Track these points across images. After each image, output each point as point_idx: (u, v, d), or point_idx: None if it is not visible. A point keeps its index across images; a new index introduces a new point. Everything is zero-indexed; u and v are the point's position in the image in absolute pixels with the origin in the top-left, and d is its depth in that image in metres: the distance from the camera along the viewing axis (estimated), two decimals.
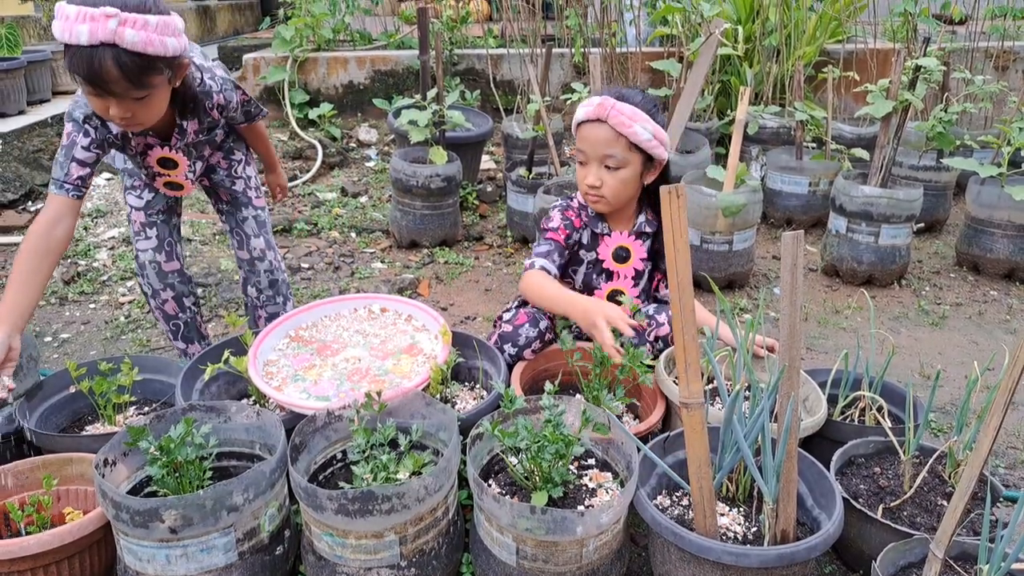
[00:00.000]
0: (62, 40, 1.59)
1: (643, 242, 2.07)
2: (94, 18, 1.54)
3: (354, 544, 1.42)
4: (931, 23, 4.33)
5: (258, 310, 2.36)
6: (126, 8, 1.58)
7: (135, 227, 2.17)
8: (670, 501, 1.62)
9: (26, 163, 4.23)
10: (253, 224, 2.28)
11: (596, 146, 1.92)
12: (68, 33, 1.56)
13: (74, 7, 1.56)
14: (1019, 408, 2.34)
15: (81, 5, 1.56)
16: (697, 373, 1.32)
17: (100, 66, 1.58)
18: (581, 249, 2.09)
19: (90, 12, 1.55)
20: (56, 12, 1.60)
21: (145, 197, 2.16)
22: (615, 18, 4.77)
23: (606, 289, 2.08)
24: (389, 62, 5.35)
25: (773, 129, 4.14)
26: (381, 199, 4.27)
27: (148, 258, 2.16)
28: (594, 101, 1.90)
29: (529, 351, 2.02)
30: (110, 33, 1.55)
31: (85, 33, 1.55)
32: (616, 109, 1.87)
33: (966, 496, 1.20)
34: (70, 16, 1.56)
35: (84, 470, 1.65)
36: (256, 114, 2.16)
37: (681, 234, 1.24)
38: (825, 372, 1.97)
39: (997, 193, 3.14)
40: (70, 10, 1.56)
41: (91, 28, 1.54)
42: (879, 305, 3.07)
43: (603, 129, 1.90)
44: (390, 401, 1.65)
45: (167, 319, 2.26)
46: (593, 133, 1.92)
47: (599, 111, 1.89)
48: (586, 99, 1.95)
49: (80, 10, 1.55)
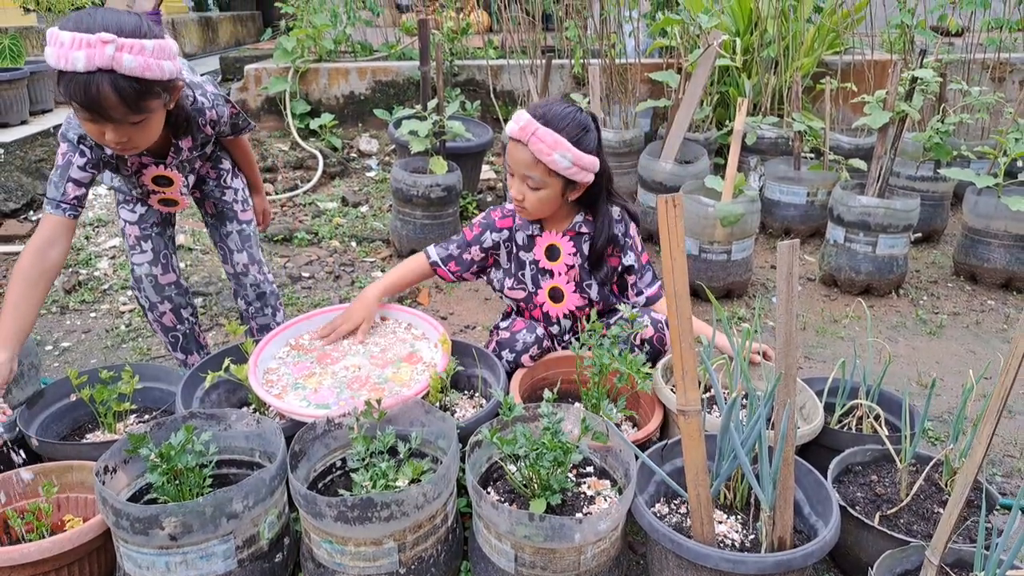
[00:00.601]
0: (56, 67, 1.56)
1: (574, 241, 2.07)
2: (91, 44, 1.53)
3: (353, 551, 1.43)
4: (928, 35, 4.36)
5: (250, 321, 2.37)
6: (122, 33, 1.56)
7: (130, 241, 2.16)
8: (668, 509, 1.63)
9: (28, 173, 4.26)
10: (236, 239, 2.26)
11: (517, 165, 1.92)
12: (63, 60, 1.54)
13: (68, 33, 1.54)
14: (1016, 417, 2.34)
15: (75, 31, 1.54)
16: (694, 381, 1.33)
17: (98, 92, 1.57)
18: (520, 251, 2.11)
19: (86, 38, 1.53)
20: (48, 38, 1.58)
21: (138, 211, 2.16)
22: (614, 30, 4.80)
23: (547, 286, 2.10)
24: (390, 73, 5.38)
25: (771, 139, 4.16)
26: (382, 209, 4.29)
27: (144, 271, 2.15)
28: (521, 119, 1.88)
29: (527, 356, 2.03)
30: (108, 59, 1.54)
31: (82, 60, 1.53)
32: (536, 136, 1.84)
33: (960, 503, 1.21)
34: (64, 43, 1.54)
35: (84, 478, 1.66)
36: (244, 127, 2.16)
37: (678, 243, 1.25)
38: (822, 380, 1.98)
39: (994, 203, 3.15)
40: (64, 36, 1.54)
41: (88, 54, 1.53)
42: (877, 314, 3.08)
43: (525, 152, 1.88)
44: (389, 409, 1.66)
45: (165, 331, 2.26)
46: (516, 152, 1.91)
47: (521, 133, 1.87)
48: (519, 111, 1.91)
49: (75, 36, 1.53)
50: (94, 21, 1.56)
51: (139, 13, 1.67)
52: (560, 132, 1.85)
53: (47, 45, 1.59)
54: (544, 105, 1.91)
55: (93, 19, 1.57)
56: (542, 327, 2.10)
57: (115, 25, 1.57)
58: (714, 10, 4.27)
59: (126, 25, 1.58)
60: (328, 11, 5.56)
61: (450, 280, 2.16)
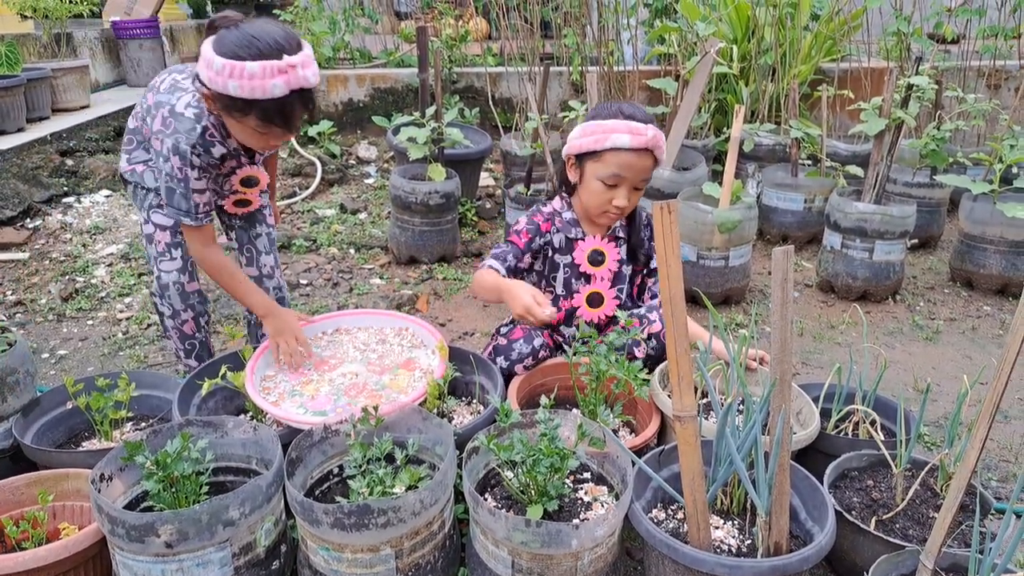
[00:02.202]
0: (250, 97, 1.62)
1: (617, 245, 2.11)
2: (283, 70, 1.60)
3: (350, 558, 1.43)
4: (924, 42, 4.38)
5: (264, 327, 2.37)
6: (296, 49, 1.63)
7: (159, 247, 2.12)
8: (665, 514, 1.63)
9: (25, 180, 4.26)
10: (265, 241, 2.30)
11: (639, 173, 1.94)
12: (259, 90, 1.61)
13: (255, 63, 1.59)
14: (1011, 422, 2.35)
15: (260, 60, 1.59)
16: (690, 386, 1.34)
17: (292, 111, 1.68)
18: (556, 253, 2.11)
19: (277, 65, 1.60)
20: (229, 71, 1.61)
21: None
22: (613, 37, 4.82)
23: (585, 292, 2.11)
24: (388, 80, 5.40)
25: (769, 146, 4.18)
26: (380, 216, 4.30)
27: (172, 279, 2.14)
28: (640, 129, 1.88)
29: (520, 366, 2.03)
30: (301, 79, 1.64)
31: (280, 86, 1.62)
32: (659, 139, 1.90)
33: (954, 508, 1.21)
34: (255, 74, 1.60)
35: (80, 486, 1.66)
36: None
37: (673, 249, 1.26)
38: (819, 386, 1.99)
39: (989, 210, 3.16)
40: (253, 67, 1.59)
41: (286, 80, 1.62)
42: (874, 320, 3.08)
43: (648, 159, 1.93)
44: (387, 416, 1.66)
45: (184, 339, 2.25)
46: (639, 162, 1.92)
47: (652, 142, 1.90)
48: (625, 122, 1.90)
49: (264, 65, 1.59)
50: (268, 44, 1.62)
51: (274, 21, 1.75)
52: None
53: (229, 78, 1.61)
54: (635, 108, 1.95)
55: (263, 42, 1.62)
56: (543, 336, 2.10)
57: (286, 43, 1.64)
58: (711, 18, 4.29)
59: (292, 39, 1.66)
60: (327, 18, 5.58)
61: None
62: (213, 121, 1.86)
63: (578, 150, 1.98)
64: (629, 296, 2.20)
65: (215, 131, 1.88)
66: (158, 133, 1.88)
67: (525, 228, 2.10)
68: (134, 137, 2.10)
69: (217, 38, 1.69)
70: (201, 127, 1.85)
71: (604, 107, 1.99)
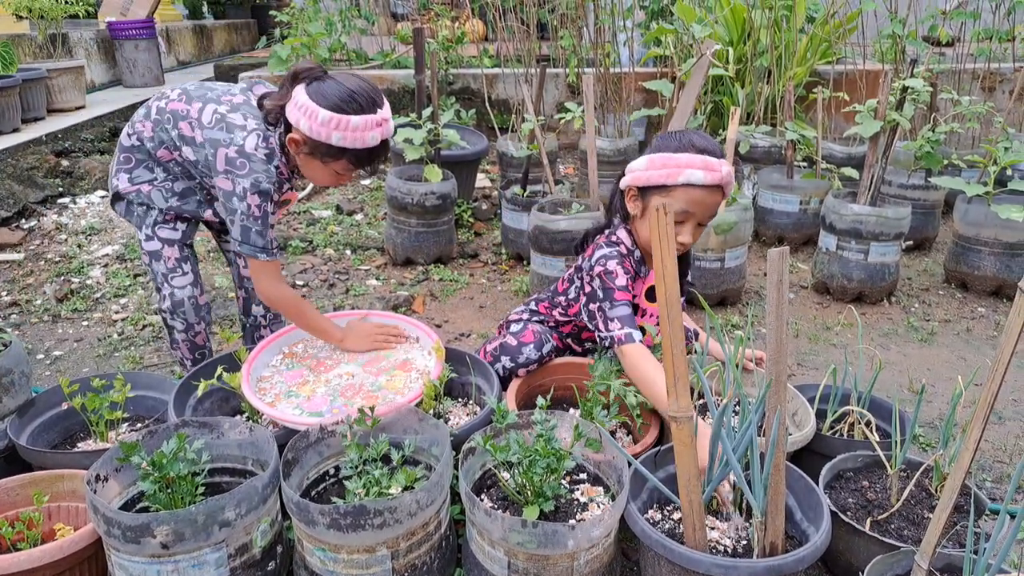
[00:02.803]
0: (352, 147, 1.81)
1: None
2: (379, 124, 1.82)
3: (346, 559, 1.43)
4: (919, 45, 4.40)
5: (262, 329, 2.38)
6: (383, 103, 1.85)
7: (168, 264, 2.12)
8: (661, 515, 1.63)
9: (20, 181, 4.25)
10: None
11: (708, 209, 1.84)
12: (359, 141, 1.81)
13: (359, 118, 1.78)
14: (1006, 423, 2.36)
15: (360, 115, 1.78)
16: (686, 387, 1.34)
17: (377, 156, 1.90)
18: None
19: (374, 119, 1.80)
20: (336, 123, 1.78)
21: (180, 228, 2.14)
22: (609, 39, 4.83)
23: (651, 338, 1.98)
24: (385, 81, 5.40)
25: (764, 148, 4.19)
26: (376, 217, 4.30)
27: (187, 294, 2.15)
28: (715, 165, 1.79)
29: (524, 370, 2.03)
30: (389, 131, 1.87)
31: (377, 138, 1.84)
32: (731, 174, 1.83)
33: (948, 508, 1.22)
34: (358, 127, 1.79)
35: (75, 487, 1.65)
36: None
37: (668, 250, 1.26)
38: (814, 387, 1.99)
39: (984, 212, 3.18)
40: (356, 121, 1.78)
41: (382, 132, 1.84)
42: (869, 322, 3.09)
43: (719, 195, 1.84)
44: (383, 417, 1.66)
45: (194, 350, 2.25)
46: (710, 198, 1.83)
47: (726, 179, 1.81)
48: (701, 158, 1.80)
49: (366, 119, 1.79)
50: (369, 99, 1.81)
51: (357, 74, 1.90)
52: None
53: (335, 130, 1.79)
54: (706, 139, 1.84)
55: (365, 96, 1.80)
56: (554, 339, 2.08)
57: (378, 97, 1.84)
58: (708, 20, 4.31)
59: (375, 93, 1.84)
60: (323, 19, 5.58)
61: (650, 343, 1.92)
62: (283, 160, 1.96)
63: (645, 183, 1.85)
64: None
65: (284, 169, 1.97)
66: (227, 173, 1.88)
67: (628, 281, 1.92)
68: (133, 156, 2.05)
69: (315, 90, 1.81)
70: (274, 167, 1.92)
71: (673, 137, 1.87)
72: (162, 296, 2.16)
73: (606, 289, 1.90)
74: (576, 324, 2.16)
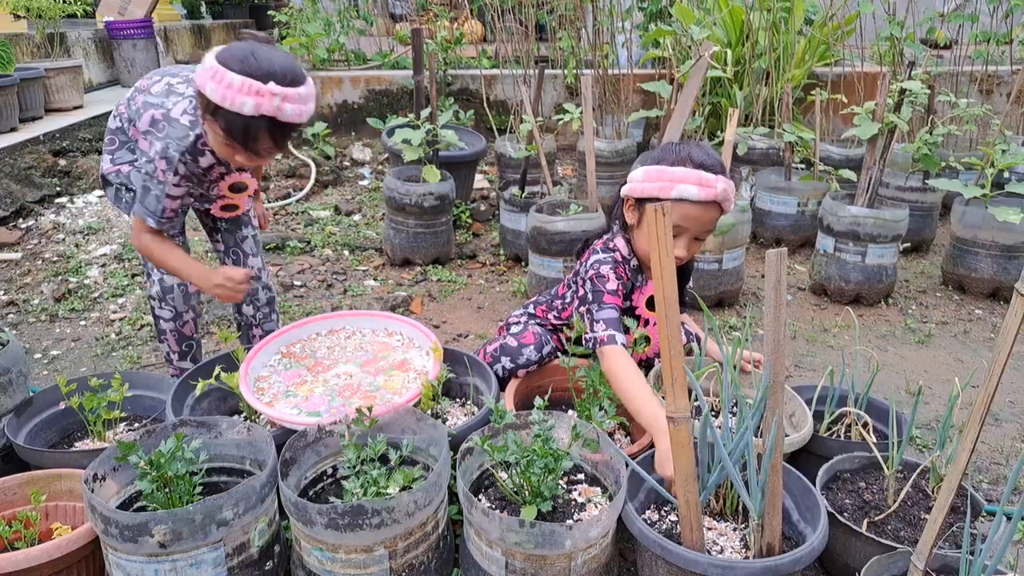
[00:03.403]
0: (219, 104, 1.64)
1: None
2: (260, 92, 1.62)
3: (344, 559, 1.43)
4: (917, 47, 4.41)
5: (253, 328, 2.37)
6: (284, 82, 1.65)
7: None
8: (658, 516, 1.64)
9: (17, 180, 4.24)
10: (252, 243, 2.30)
11: (704, 225, 1.82)
12: (230, 101, 1.63)
13: (238, 77, 1.61)
14: (1003, 424, 2.36)
15: (244, 75, 1.61)
16: (683, 388, 1.34)
17: (257, 135, 1.68)
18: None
19: (256, 86, 1.62)
20: (211, 73, 1.64)
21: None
22: (607, 40, 4.84)
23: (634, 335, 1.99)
24: (383, 82, 5.40)
25: (762, 150, 4.19)
26: (374, 217, 4.30)
27: (176, 281, 2.14)
28: (710, 181, 1.76)
29: (524, 371, 2.03)
30: (273, 109, 1.65)
31: (250, 106, 1.64)
32: (729, 191, 1.78)
33: (945, 509, 1.22)
34: (233, 85, 1.62)
35: (73, 486, 1.65)
36: None
37: (666, 251, 1.26)
38: (811, 388, 2.00)
39: (981, 214, 3.18)
40: (233, 79, 1.62)
41: (256, 102, 1.63)
42: (866, 323, 3.10)
43: (716, 211, 1.81)
44: (381, 416, 1.66)
45: (182, 340, 2.25)
46: (705, 215, 1.80)
47: (721, 195, 1.77)
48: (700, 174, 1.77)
49: (245, 82, 1.61)
50: (260, 65, 1.64)
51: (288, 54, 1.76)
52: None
53: (210, 79, 1.64)
54: (706, 153, 1.81)
55: (259, 62, 1.64)
56: (554, 341, 2.09)
57: (280, 72, 1.66)
58: (706, 22, 4.32)
59: (288, 72, 1.67)
60: (322, 20, 5.58)
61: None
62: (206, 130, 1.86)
63: (640, 194, 1.85)
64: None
65: (208, 140, 1.88)
66: (147, 134, 1.88)
67: (620, 287, 1.93)
68: (116, 137, 2.08)
69: (226, 46, 1.72)
70: (194, 135, 1.86)
71: (672, 150, 1.84)
72: (151, 281, 2.16)
73: (596, 292, 1.90)
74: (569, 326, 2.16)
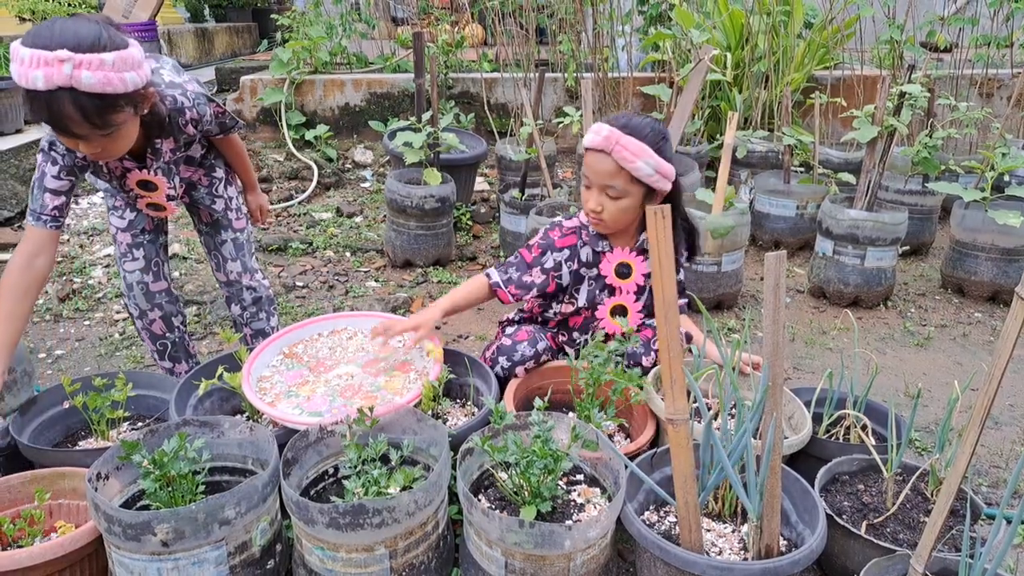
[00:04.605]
0: (19, 84, 1.53)
1: (645, 258, 2.09)
2: (48, 63, 1.48)
3: (345, 558, 1.44)
4: (917, 51, 4.42)
5: (243, 328, 2.37)
6: (79, 49, 1.51)
7: (121, 248, 2.15)
8: (657, 517, 1.64)
9: (22, 181, 4.26)
10: (231, 248, 2.26)
11: (599, 175, 1.92)
12: (24, 78, 1.50)
13: (28, 50, 1.49)
14: (1002, 428, 2.37)
15: (34, 48, 1.49)
16: (682, 389, 1.35)
17: (60, 111, 1.54)
18: (582, 267, 2.08)
19: (44, 56, 1.48)
20: (11, 53, 1.53)
21: (128, 217, 2.14)
22: (607, 44, 4.85)
23: (609, 304, 2.10)
24: (385, 85, 5.42)
25: (761, 153, 4.21)
26: (376, 219, 4.31)
27: (135, 279, 2.15)
28: (602, 130, 1.88)
29: (522, 368, 2.05)
30: (66, 78, 1.49)
31: (41, 79, 1.49)
32: (621, 144, 1.85)
33: (944, 512, 1.23)
34: (24, 60, 1.50)
35: (76, 484, 1.66)
36: (231, 126, 2.10)
37: (666, 253, 1.27)
38: (810, 391, 2.00)
39: (981, 217, 3.19)
40: (24, 53, 1.50)
41: (46, 73, 1.48)
42: (865, 326, 3.11)
43: (607, 161, 1.89)
44: (382, 417, 1.67)
45: (154, 339, 2.25)
46: (597, 162, 1.91)
47: (605, 143, 1.87)
48: (597, 123, 1.92)
49: (34, 54, 1.48)
50: (52, 36, 1.50)
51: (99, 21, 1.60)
52: (643, 140, 1.87)
53: (11, 60, 1.54)
54: (622, 116, 1.92)
55: (51, 33, 1.51)
56: (548, 339, 2.11)
57: (73, 39, 1.50)
58: (706, 25, 4.33)
59: (84, 39, 1.52)
60: (324, 23, 5.60)
61: (509, 302, 2.09)
62: None
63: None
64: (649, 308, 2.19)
65: None
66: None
67: (537, 243, 2.08)
68: None
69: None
70: None
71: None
72: (119, 278, 2.16)
73: (528, 245, 2.10)
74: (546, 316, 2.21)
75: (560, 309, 2.14)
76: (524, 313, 2.27)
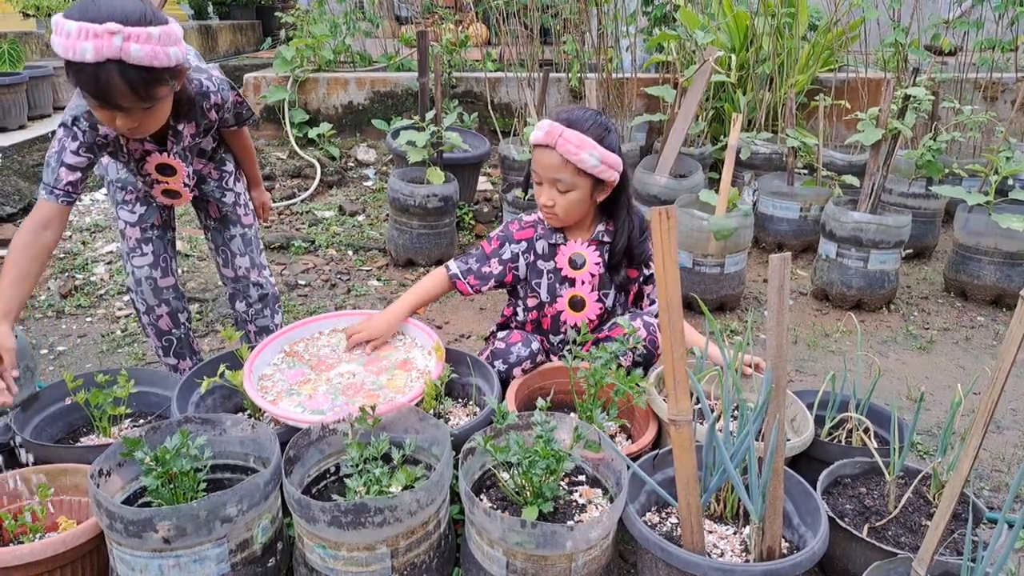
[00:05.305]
0: (64, 56, 1.55)
1: (598, 249, 2.11)
2: (98, 35, 1.51)
3: (346, 556, 1.44)
4: (921, 54, 4.42)
5: (247, 324, 2.37)
6: (128, 22, 1.54)
7: (130, 243, 2.14)
8: (659, 518, 1.64)
9: (26, 177, 4.27)
10: (240, 243, 2.27)
11: (547, 170, 1.97)
12: (71, 51, 1.53)
13: (75, 23, 1.52)
14: (1004, 432, 2.37)
15: (81, 20, 1.52)
16: (685, 391, 1.35)
17: (108, 83, 1.57)
18: (539, 260, 2.13)
19: (93, 28, 1.51)
20: (54, 27, 1.56)
21: (138, 211, 2.14)
22: (612, 44, 4.85)
23: (567, 295, 2.13)
24: (389, 84, 5.42)
25: (765, 155, 4.20)
26: (378, 218, 4.31)
27: (144, 274, 2.14)
28: (544, 126, 1.93)
29: (519, 369, 2.05)
30: (116, 50, 1.53)
31: (90, 51, 1.52)
32: (564, 138, 1.90)
33: (947, 515, 1.23)
34: (72, 33, 1.52)
35: (78, 481, 1.66)
36: (247, 117, 2.15)
37: (671, 254, 1.27)
38: (813, 393, 2.00)
39: (984, 221, 3.19)
40: (71, 26, 1.52)
41: (96, 45, 1.52)
42: (868, 329, 3.10)
43: (552, 155, 1.94)
44: (384, 415, 1.67)
45: (160, 335, 2.25)
46: (544, 157, 1.96)
47: (547, 138, 1.92)
48: (540, 121, 1.98)
49: (81, 26, 1.51)
50: (99, 10, 1.54)
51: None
52: (585, 132, 1.91)
53: (54, 34, 1.56)
54: (566, 110, 1.98)
55: (98, 7, 1.54)
56: (539, 341, 2.12)
57: (120, 13, 1.54)
58: (710, 26, 4.32)
59: (132, 13, 1.56)
60: (328, 22, 5.60)
61: (468, 294, 2.16)
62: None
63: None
64: (623, 304, 2.21)
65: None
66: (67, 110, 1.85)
67: (497, 235, 2.16)
68: None
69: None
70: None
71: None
72: (126, 274, 2.16)
73: (488, 237, 2.17)
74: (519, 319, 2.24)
75: (527, 304, 2.18)
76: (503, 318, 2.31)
